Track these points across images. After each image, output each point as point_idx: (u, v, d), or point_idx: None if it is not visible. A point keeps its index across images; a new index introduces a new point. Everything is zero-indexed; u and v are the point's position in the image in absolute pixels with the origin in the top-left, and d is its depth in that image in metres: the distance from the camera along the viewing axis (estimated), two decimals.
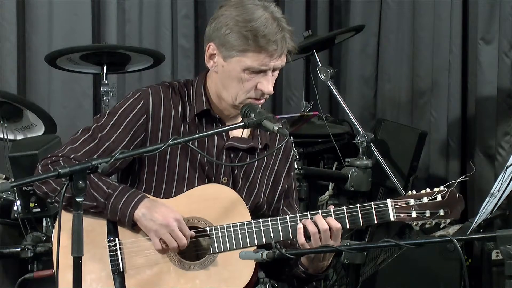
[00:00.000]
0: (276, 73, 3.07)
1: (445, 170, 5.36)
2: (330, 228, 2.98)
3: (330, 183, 4.93)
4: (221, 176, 3.12)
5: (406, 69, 5.54)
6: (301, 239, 3.00)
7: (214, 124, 3.12)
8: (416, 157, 4.95)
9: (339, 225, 2.99)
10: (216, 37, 3.03)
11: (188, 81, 3.18)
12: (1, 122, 4.50)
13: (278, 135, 3.07)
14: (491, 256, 4.27)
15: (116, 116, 3.08)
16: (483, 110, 5.22)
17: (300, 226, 3.00)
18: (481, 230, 3.91)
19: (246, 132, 3.16)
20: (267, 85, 3.02)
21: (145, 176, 3.10)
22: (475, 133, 5.28)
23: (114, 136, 3.06)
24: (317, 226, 2.98)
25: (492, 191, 3.52)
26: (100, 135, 3.07)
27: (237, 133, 3.13)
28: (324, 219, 2.99)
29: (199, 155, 3.06)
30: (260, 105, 3.04)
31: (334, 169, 5.05)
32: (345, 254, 4.04)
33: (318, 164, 5.24)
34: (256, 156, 3.14)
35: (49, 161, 3.06)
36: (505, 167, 3.46)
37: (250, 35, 2.97)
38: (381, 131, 5.06)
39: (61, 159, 3.04)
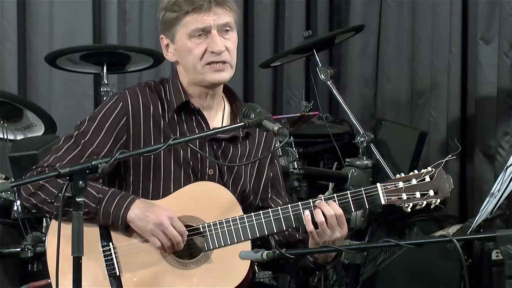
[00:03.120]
0: (230, 36, 3.08)
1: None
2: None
3: (330, 183, 4.92)
4: (207, 169, 3.13)
5: (405, 69, 5.54)
6: (309, 226, 3.01)
7: (194, 117, 3.13)
8: (416, 157, 4.95)
9: (340, 211, 3.00)
10: (159, 26, 3.14)
11: (164, 79, 3.21)
12: (1, 122, 4.50)
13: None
14: (491, 256, 4.26)
15: (97, 121, 3.09)
16: (483, 110, 5.22)
17: (307, 213, 3.01)
18: (481, 230, 3.91)
19: (225, 122, 3.17)
20: (215, 43, 3.04)
21: (131, 178, 3.11)
22: (475, 133, 5.28)
23: (97, 141, 3.07)
24: (323, 212, 2.99)
25: (492, 191, 3.52)
26: (83, 141, 3.07)
27: (217, 124, 3.15)
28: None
29: (181, 151, 3.08)
30: (225, 69, 3.05)
31: (334, 169, 5.04)
32: (345, 254, 4.03)
33: (318, 164, 5.24)
34: (239, 145, 3.16)
35: (34, 172, 3.06)
36: (505, 167, 3.47)
37: (178, 3, 3.04)
38: (381, 131, 5.06)
39: (46, 169, 3.04)
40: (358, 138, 4.58)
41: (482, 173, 5.17)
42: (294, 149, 4.47)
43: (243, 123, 2.95)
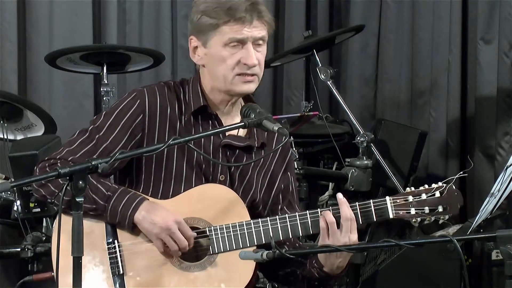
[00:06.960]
0: (262, 49, 3.07)
1: (444, 170, 5.36)
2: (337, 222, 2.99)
3: (330, 183, 4.93)
4: (219, 174, 3.12)
5: (405, 69, 5.54)
6: (322, 223, 2.99)
7: (210, 122, 3.12)
8: (416, 157, 4.95)
9: (352, 215, 2.99)
10: (192, 28, 3.09)
11: (184, 80, 3.19)
12: (1, 122, 4.50)
13: (276, 134, 3.07)
14: (491, 256, 4.27)
15: (113, 117, 3.08)
16: (482, 110, 5.22)
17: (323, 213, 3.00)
18: (481, 230, 3.91)
19: (242, 131, 3.15)
20: (250, 56, 3.02)
21: (143, 176, 3.10)
22: (475, 133, 5.28)
23: (112, 137, 3.06)
24: (325, 221, 2.99)
25: (492, 191, 3.52)
26: (97, 136, 3.07)
27: (233, 131, 3.13)
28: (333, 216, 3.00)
29: (195, 154, 3.07)
30: (254, 80, 3.05)
31: (334, 169, 5.05)
32: None
33: (318, 164, 5.24)
34: (253, 155, 3.15)
35: (47, 164, 3.06)
36: (505, 167, 3.46)
37: (218, 11, 3.00)
38: (381, 131, 5.07)
39: (59, 161, 3.04)
40: (358, 138, 4.59)
41: (482, 173, 5.17)
42: (294, 149, 4.47)
43: (243, 123, 2.94)
